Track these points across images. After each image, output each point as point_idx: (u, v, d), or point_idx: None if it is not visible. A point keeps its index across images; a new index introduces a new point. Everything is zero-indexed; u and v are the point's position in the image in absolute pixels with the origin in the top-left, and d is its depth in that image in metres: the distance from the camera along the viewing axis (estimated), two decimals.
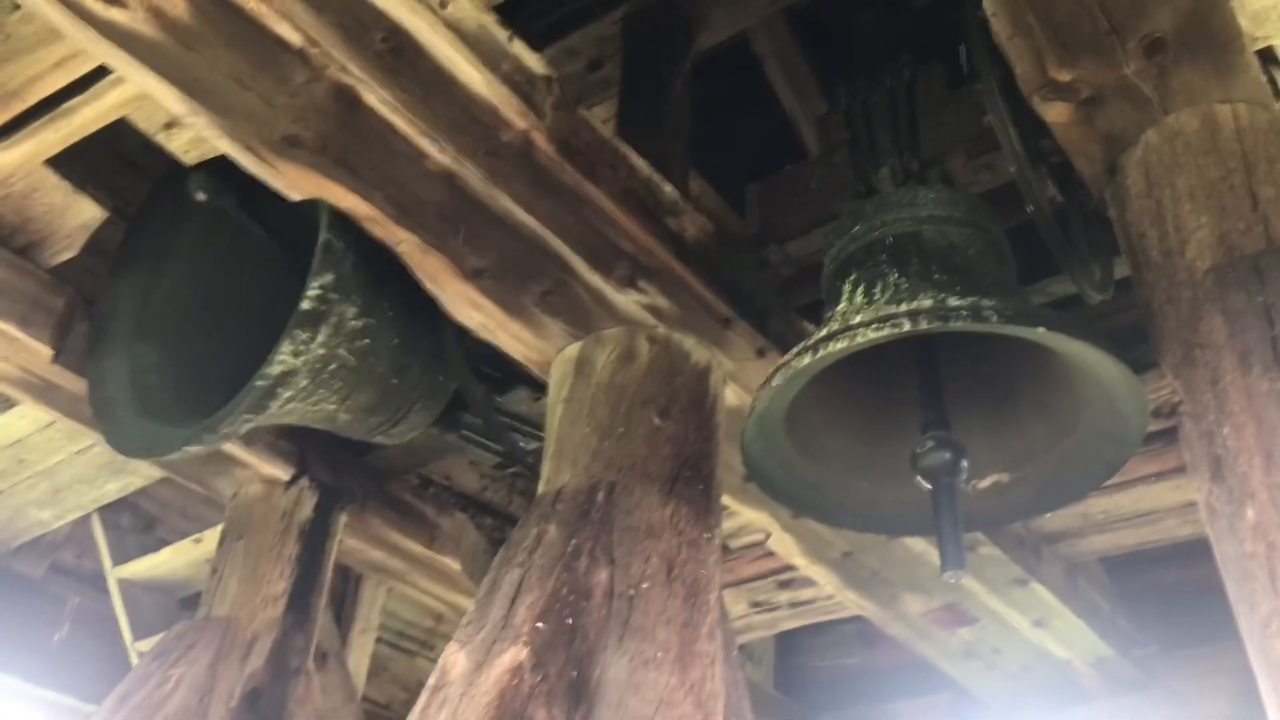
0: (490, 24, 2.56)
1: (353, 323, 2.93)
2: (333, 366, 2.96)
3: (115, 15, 2.23)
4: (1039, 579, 4.08)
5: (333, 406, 3.13)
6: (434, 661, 2.45)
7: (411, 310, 3.11)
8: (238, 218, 3.30)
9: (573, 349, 2.97)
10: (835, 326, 2.42)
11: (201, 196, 3.16)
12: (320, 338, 2.87)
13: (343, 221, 2.69)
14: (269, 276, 3.43)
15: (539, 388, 3.27)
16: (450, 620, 5.13)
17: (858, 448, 2.82)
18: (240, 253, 3.48)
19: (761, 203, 3.39)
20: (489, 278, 2.78)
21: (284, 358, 2.84)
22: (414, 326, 3.16)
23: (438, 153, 2.55)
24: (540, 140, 2.66)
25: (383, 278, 2.96)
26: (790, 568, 4.34)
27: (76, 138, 2.93)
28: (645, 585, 2.43)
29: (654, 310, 2.93)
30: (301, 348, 2.85)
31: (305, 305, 2.82)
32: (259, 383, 2.86)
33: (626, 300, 2.90)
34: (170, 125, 2.92)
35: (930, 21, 3.47)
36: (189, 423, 3.11)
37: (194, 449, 3.09)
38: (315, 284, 2.82)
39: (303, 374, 2.90)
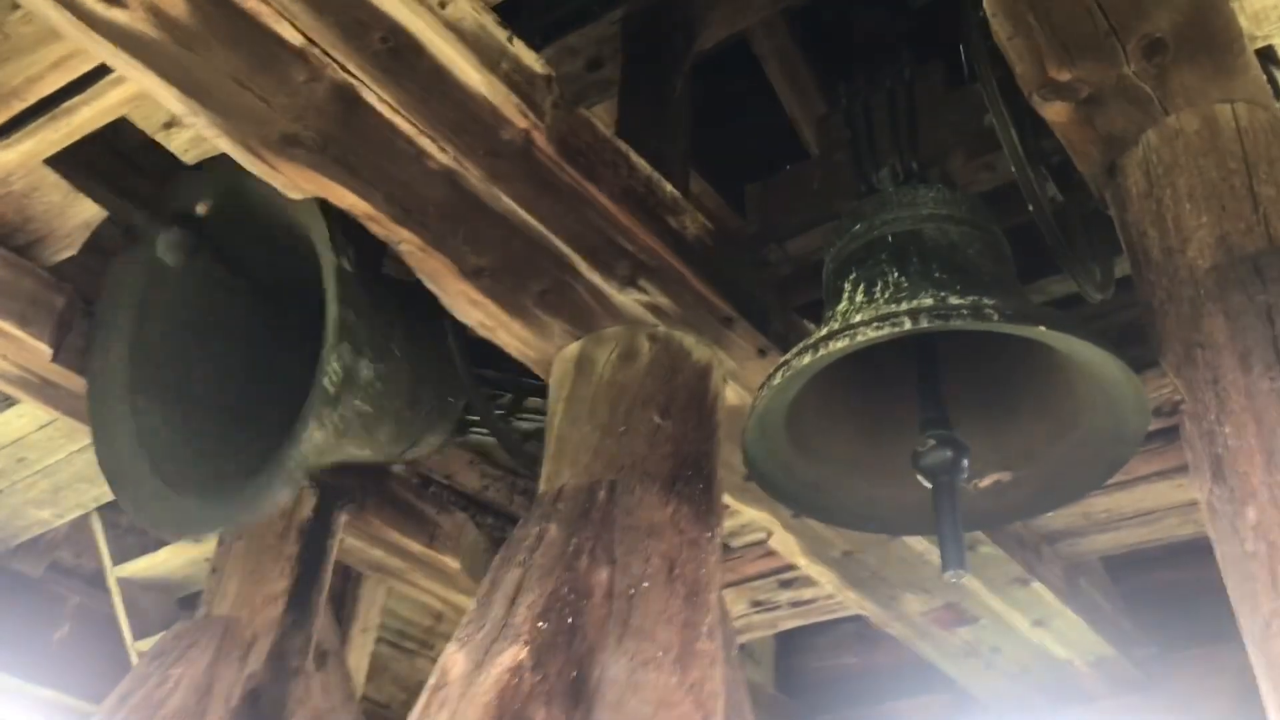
0: (489, 24, 2.56)
1: (367, 376, 2.92)
2: (353, 420, 2.96)
3: (115, 15, 2.23)
4: (1039, 578, 4.08)
5: (354, 450, 3.14)
6: (434, 661, 2.45)
7: (417, 340, 3.14)
8: (214, 271, 3.31)
9: (573, 348, 2.97)
10: (836, 325, 2.42)
11: (170, 259, 3.18)
12: (340, 408, 2.86)
13: (342, 244, 2.71)
14: (262, 298, 3.41)
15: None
16: (450, 619, 5.13)
17: (858, 447, 2.82)
18: (222, 293, 3.45)
19: (762, 202, 3.39)
20: (489, 277, 2.78)
21: (312, 435, 2.84)
22: (421, 356, 3.18)
23: (438, 152, 2.55)
24: (540, 139, 2.66)
25: (388, 316, 3.00)
26: (791, 567, 4.34)
27: (76, 137, 2.93)
28: (646, 585, 2.43)
29: (654, 309, 2.93)
30: (326, 421, 2.85)
31: (327, 387, 2.81)
32: (291, 464, 2.87)
33: (627, 299, 2.90)
34: (170, 124, 2.93)
35: (930, 21, 3.47)
36: (208, 486, 3.09)
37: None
38: (334, 361, 2.82)
39: (329, 436, 2.90)
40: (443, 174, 2.58)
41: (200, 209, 3.15)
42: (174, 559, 4.39)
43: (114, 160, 3.48)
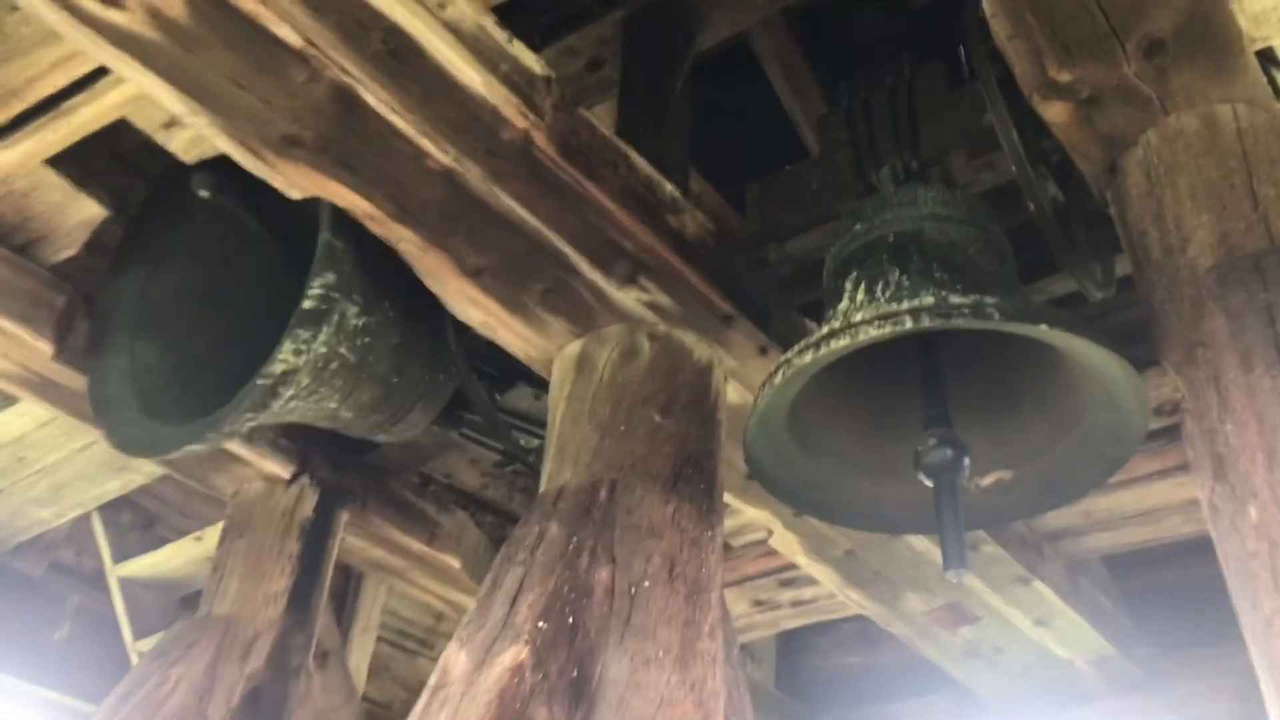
0: (489, 25, 2.56)
1: (354, 321, 2.95)
2: (334, 365, 2.98)
3: (114, 16, 2.23)
4: (1041, 578, 4.07)
5: (334, 405, 3.15)
6: (435, 660, 2.45)
7: (413, 309, 3.14)
8: (239, 215, 3.31)
9: (574, 347, 2.97)
10: (837, 324, 2.42)
11: (204, 193, 3.16)
12: (322, 336, 2.89)
13: (344, 220, 2.70)
14: (271, 274, 3.44)
15: (540, 384, 3.28)
16: (451, 619, 5.14)
17: (860, 445, 2.82)
18: (242, 251, 3.50)
19: (762, 202, 3.39)
20: (489, 276, 2.78)
21: (286, 356, 2.86)
22: (415, 325, 3.19)
23: (438, 152, 2.55)
24: (540, 140, 2.66)
25: (384, 276, 3.00)
26: (792, 566, 4.34)
27: (76, 137, 2.93)
28: (647, 584, 2.43)
29: (655, 308, 2.93)
30: (303, 346, 2.87)
31: (307, 304, 2.84)
32: (261, 381, 2.88)
33: (627, 298, 2.90)
34: (169, 125, 2.93)
35: (930, 21, 3.48)
36: (191, 421, 3.11)
37: (196, 447, 3.10)
38: (317, 283, 2.85)
39: (305, 372, 2.92)
40: (442, 174, 2.58)
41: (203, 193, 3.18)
42: (175, 558, 4.39)
43: (114, 160, 3.48)
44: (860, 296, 2.54)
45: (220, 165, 2.92)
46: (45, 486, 4.28)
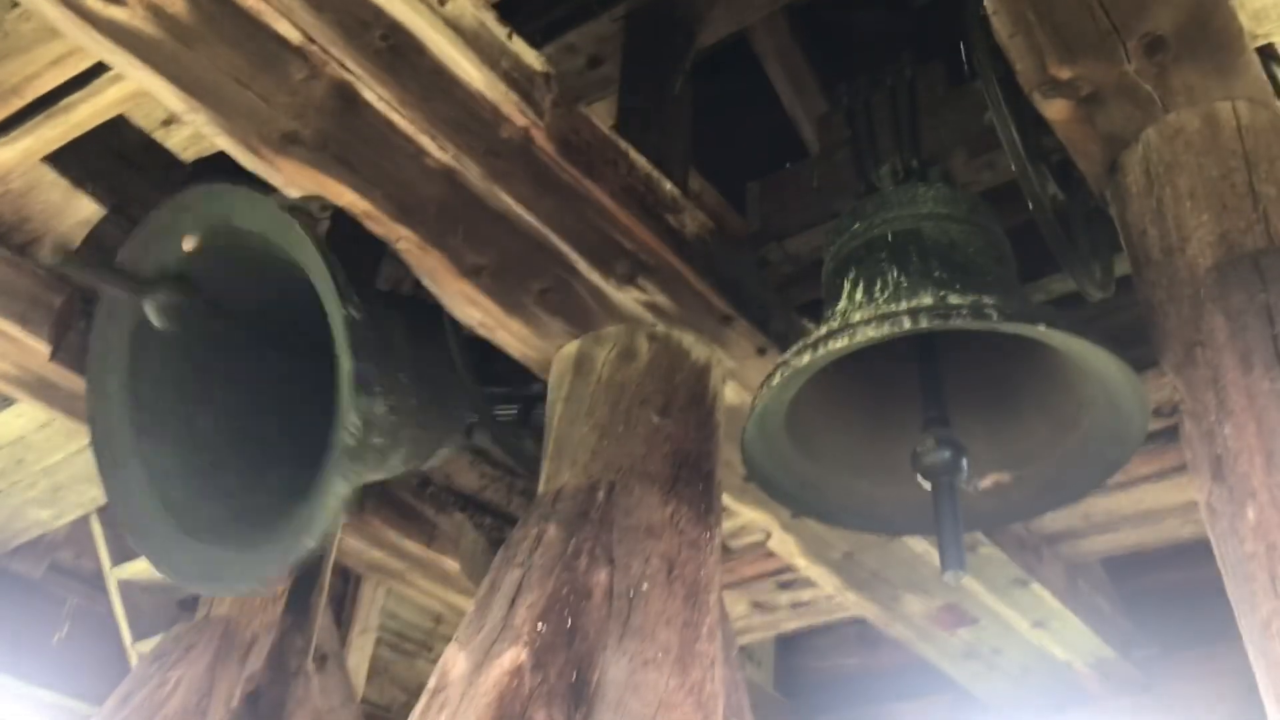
0: (489, 21, 2.56)
1: (380, 412, 2.80)
2: (371, 457, 2.87)
3: (114, 13, 2.23)
4: (1039, 579, 4.07)
5: (371, 476, 3.16)
6: (434, 663, 2.44)
7: (421, 361, 3.10)
8: (209, 324, 3.10)
9: (572, 347, 2.97)
10: (835, 324, 2.42)
11: (161, 323, 2.94)
12: (363, 455, 2.76)
13: (355, 318, 2.57)
14: (255, 350, 3.19)
15: None
16: (450, 621, 5.13)
17: (858, 446, 2.82)
18: (219, 337, 3.18)
19: (762, 201, 3.39)
20: (488, 275, 2.78)
21: (339, 489, 2.69)
22: (426, 376, 3.14)
23: (437, 150, 2.54)
24: (540, 138, 2.65)
25: (392, 343, 2.99)
26: (790, 568, 4.33)
27: (75, 135, 2.93)
28: (645, 585, 2.43)
29: (654, 308, 2.93)
30: (350, 472, 2.73)
31: (349, 441, 2.63)
32: (320, 520, 2.68)
33: (626, 298, 2.89)
34: (168, 122, 2.94)
35: (931, 20, 3.48)
36: (227, 531, 2.93)
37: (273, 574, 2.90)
38: (353, 415, 2.63)
39: (353, 484, 2.81)
40: (442, 172, 2.58)
41: (188, 245, 2.97)
42: None
43: (112, 158, 3.48)
44: (859, 296, 2.54)
45: (174, 277, 2.84)
46: (44, 488, 4.27)
